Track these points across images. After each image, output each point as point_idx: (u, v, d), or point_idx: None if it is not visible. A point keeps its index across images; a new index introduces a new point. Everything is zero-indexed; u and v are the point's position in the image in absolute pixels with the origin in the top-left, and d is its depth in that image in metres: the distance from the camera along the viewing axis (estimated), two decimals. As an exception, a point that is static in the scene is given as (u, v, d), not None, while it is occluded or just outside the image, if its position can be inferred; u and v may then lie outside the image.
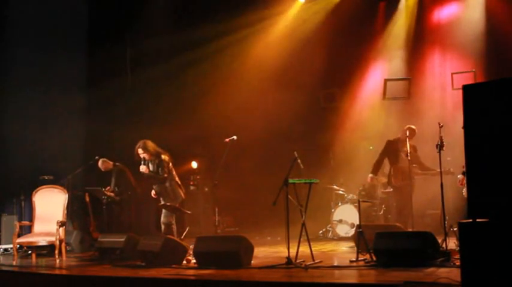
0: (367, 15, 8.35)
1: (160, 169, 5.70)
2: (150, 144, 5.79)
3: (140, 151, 5.75)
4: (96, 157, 6.97)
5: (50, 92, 7.64)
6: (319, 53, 8.41)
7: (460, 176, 5.29)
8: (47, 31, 7.67)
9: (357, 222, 5.85)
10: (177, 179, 5.86)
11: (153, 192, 5.82)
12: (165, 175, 5.69)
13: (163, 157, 5.74)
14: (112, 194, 6.57)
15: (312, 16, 8.52)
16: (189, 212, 5.81)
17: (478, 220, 3.04)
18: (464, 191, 5.08)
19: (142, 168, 5.71)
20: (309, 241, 4.86)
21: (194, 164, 8.36)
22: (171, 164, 5.82)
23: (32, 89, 7.57)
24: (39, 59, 7.64)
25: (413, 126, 6.18)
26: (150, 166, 5.80)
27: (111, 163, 6.82)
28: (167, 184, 5.75)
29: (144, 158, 5.74)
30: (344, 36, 8.33)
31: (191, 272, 4.57)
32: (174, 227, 5.71)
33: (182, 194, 5.82)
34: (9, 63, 7.66)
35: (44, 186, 6.23)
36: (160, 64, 8.41)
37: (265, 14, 8.44)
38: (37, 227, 5.91)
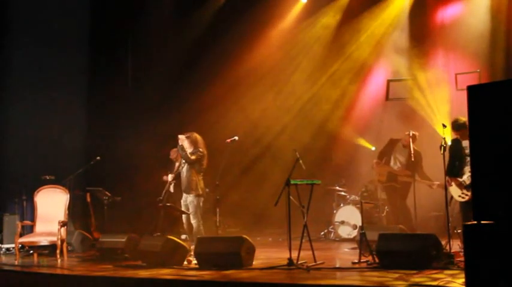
0: (370, 15, 8.32)
1: (194, 153, 5.66)
2: (199, 138, 5.79)
3: (184, 136, 5.72)
4: (98, 157, 6.97)
5: (52, 91, 7.64)
6: (321, 53, 8.39)
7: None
8: (48, 29, 7.67)
9: (359, 223, 5.82)
10: (201, 177, 5.81)
11: (169, 177, 5.71)
12: (193, 158, 5.63)
13: (202, 150, 5.74)
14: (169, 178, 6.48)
15: (313, 16, 8.51)
16: (189, 212, 5.79)
17: (482, 222, 3.00)
18: (458, 194, 4.97)
19: (181, 137, 5.62)
20: (310, 242, 4.83)
21: None
22: (203, 162, 5.80)
23: (33, 89, 7.58)
24: (40, 58, 7.64)
25: (416, 133, 6.16)
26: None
27: (179, 157, 6.72)
28: (188, 174, 5.69)
29: (185, 147, 5.70)
30: (346, 35, 8.30)
31: (192, 273, 4.55)
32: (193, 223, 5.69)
33: (199, 190, 5.74)
34: (10, 63, 7.67)
35: (46, 186, 6.22)
36: (162, 63, 8.41)
37: (267, 14, 8.43)
38: (39, 227, 5.91)
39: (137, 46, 8.61)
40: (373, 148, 8.19)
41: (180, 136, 5.72)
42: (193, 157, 5.70)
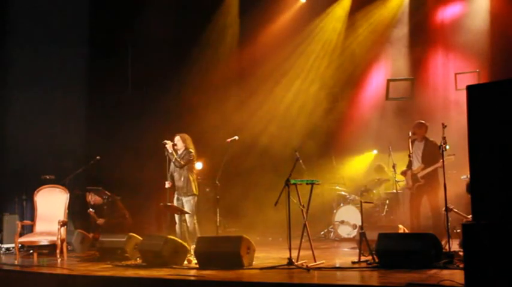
0: (370, 15, 8.32)
1: (183, 157, 5.82)
2: (188, 137, 5.94)
3: (178, 137, 5.88)
4: (98, 157, 6.97)
5: (52, 91, 7.65)
6: (321, 52, 8.40)
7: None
8: (48, 30, 7.67)
9: (359, 223, 5.82)
10: (195, 176, 5.97)
11: (167, 183, 5.83)
12: (182, 163, 5.77)
13: (192, 151, 5.89)
14: (101, 220, 6.60)
15: (313, 16, 8.51)
16: (189, 212, 5.80)
17: (482, 221, 3.00)
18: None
19: (168, 143, 5.75)
20: (310, 241, 4.83)
21: (199, 165, 8.20)
22: (194, 163, 5.97)
23: (33, 89, 7.58)
24: (39, 58, 7.65)
25: (421, 121, 6.13)
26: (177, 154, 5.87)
27: (100, 198, 6.78)
28: (183, 176, 5.79)
29: (175, 146, 5.83)
30: (346, 35, 8.31)
31: (192, 272, 4.56)
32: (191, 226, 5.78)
33: (195, 190, 5.86)
34: (10, 63, 7.67)
35: (46, 186, 6.22)
36: (161, 63, 8.41)
37: (266, 14, 8.44)
38: (39, 226, 5.91)
39: (137, 47, 8.61)
40: (375, 151, 8.19)
41: (167, 142, 5.77)
42: (183, 162, 5.79)
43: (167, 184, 5.81)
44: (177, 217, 5.81)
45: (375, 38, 8.28)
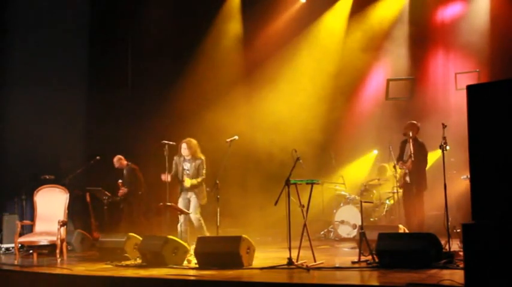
0: (369, 14, 8.33)
1: (201, 169, 5.88)
2: (195, 143, 5.94)
3: (184, 145, 5.87)
4: (97, 157, 6.97)
5: (52, 91, 7.65)
6: (321, 52, 8.40)
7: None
8: (47, 30, 7.67)
9: (359, 223, 5.82)
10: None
11: (163, 176, 5.85)
12: (203, 176, 5.87)
13: (203, 157, 5.94)
14: (125, 189, 6.71)
15: (312, 16, 8.52)
16: (190, 212, 5.80)
17: (482, 221, 3.00)
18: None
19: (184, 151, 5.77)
20: (310, 241, 4.83)
21: None
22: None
23: (33, 89, 7.58)
24: (39, 58, 7.65)
25: (414, 122, 6.19)
26: (187, 164, 5.87)
27: (126, 162, 6.94)
28: (199, 184, 5.88)
29: (183, 155, 5.84)
30: (346, 34, 8.31)
31: (192, 272, 4.57)
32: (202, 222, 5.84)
33: (205, 197, 5.96)
34: (10, 63, 7.67)
35: (45, 186, 6.23)
36: (162, 63, 8.41)
37: (267, 15, 8.44)
38: (38, 226, 5.91)
39: (137, 46, 8.61)
40: (376, 151, 8.19)
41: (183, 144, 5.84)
42: (203, 176, 5.88)
43: (163, 177, 5.78)
44: (181, 215, 5.81)
45: (374, 38, 8.28)
